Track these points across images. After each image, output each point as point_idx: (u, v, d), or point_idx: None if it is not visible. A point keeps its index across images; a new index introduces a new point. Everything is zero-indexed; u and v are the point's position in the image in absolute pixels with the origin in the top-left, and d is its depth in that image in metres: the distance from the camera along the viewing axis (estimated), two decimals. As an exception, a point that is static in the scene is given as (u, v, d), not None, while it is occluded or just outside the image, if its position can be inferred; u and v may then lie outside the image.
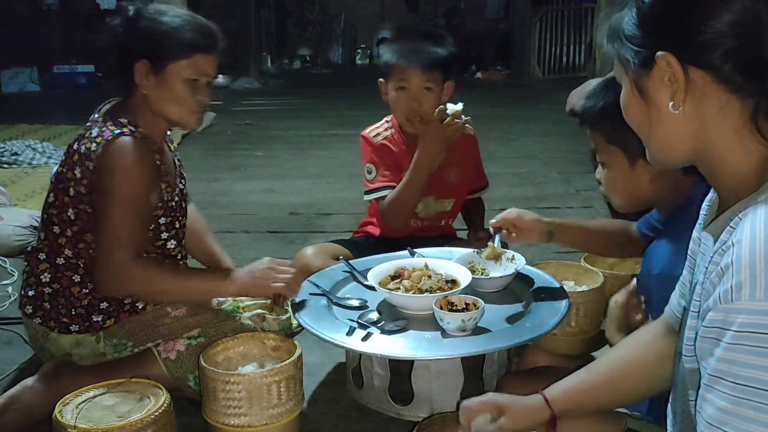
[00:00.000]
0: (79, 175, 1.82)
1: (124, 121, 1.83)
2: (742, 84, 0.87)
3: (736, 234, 0.84)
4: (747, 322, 0.79)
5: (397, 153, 2.44)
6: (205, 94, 1.91)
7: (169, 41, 1.83)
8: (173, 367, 1.84)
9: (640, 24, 0.93)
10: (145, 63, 1.83)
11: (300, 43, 11.88)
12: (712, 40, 0.86)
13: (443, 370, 1.82)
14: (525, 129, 6.05)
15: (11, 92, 8.59)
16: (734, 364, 0.80)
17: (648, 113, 0.96)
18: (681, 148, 0.95)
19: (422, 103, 2.32)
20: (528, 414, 1.25)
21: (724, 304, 0.81)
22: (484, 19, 11.14)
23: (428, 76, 2.30)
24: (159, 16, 1.86)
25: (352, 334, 1.74)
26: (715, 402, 0.82)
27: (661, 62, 0.90)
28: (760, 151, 0.89)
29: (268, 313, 2.10)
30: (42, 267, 1.90)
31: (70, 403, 1.63)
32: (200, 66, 1.86)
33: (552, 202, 4.01)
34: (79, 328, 1.88)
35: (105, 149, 1.77)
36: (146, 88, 1.85)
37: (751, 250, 0.81)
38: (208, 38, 1.89)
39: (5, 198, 3.72)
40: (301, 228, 3.65)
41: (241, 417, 1.67)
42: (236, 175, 4.83)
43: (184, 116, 1.90)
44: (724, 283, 0.82)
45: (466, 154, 2.51)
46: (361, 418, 1.91)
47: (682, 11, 0.89)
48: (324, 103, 7.78)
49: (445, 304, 1.77)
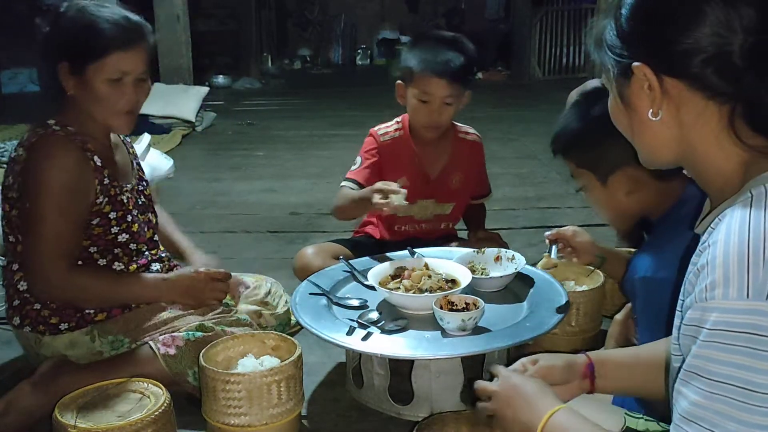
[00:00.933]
0: (11, 180, 1.82)
1: (51, 122, 1.82)
2: (719, 90, 0.89)
3: (713, 235, 0.87)
4: (720, 320, 0.81)
5: (401, 155, 2.42)
6: (133, 92, 1.82)
7: (86, 41, 1.76)
8: (173, 363, 1.84)
9: (619, 34, 0.96)
10: (66, 64, 1.78)
11: (300, 44, 11.88)
12: (688, 50, 0.89)
13: (443, 369, 1.82)
14: (525, 129, 6.04)
15: (11, 92, 8.59)
16: (708, 360, 0.82)
17: (631, 120, 0.99)
18: (665, 152, 0.98)
19: (442, 115, 2.32)
20: (562, 356, 1.30)
21: (699, 302, 0.84)
22: (484, 20, 11.13)
23: (452, 90, 2.28)
24: (79, 13, 1.78)
25: (352, 334, 1.74)
26: (689, 396, 0.84)
27: (638, 72, 0.93)
28: (740, 155, 0.92)
29: (263, 308, 2.11)
30: (17, 276, 1.89)
31: (70, 403, 1.63)
32: (120, 64, 1.78)
33: (552, 202, 4.01)
34: (69, 325, 1.87)
35: (28, 151, 1.77)
36: (71, 89, 1.80)
37: (725, 250, 0.83)
38: (126, 33, 1.79)
39: (5, 198, 3.72)
40: (302, 228, 3.65)
41: (241, 416, 1.67)
42: (237, 175, 4.82)
43: (109, 118, 1.85)
44: (701, 282, 0.85)
45: (471, 160, 2.52)
46: (361, 418, 1.90)
47: (657, 23, 0.91)
48: (324, 104, 7.78)
49: (445, 303, 1.77)
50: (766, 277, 0.80)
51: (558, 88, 6.68)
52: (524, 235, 3.44)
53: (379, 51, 11.58)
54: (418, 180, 2.42)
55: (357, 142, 2.53)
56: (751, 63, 0.87)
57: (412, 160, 2.42)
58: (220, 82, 8.90)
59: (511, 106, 7.50)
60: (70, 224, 1.79)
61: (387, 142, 2.43)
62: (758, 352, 0.79)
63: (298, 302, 1.94)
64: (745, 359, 0.80)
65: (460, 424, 1.51)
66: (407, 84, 2.33)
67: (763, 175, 0.89)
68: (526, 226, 3.59)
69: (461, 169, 2.48)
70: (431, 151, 2.44)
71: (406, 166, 2.42)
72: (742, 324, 0.80)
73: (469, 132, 2.53)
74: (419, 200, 2.42)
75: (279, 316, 2.13)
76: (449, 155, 2.46)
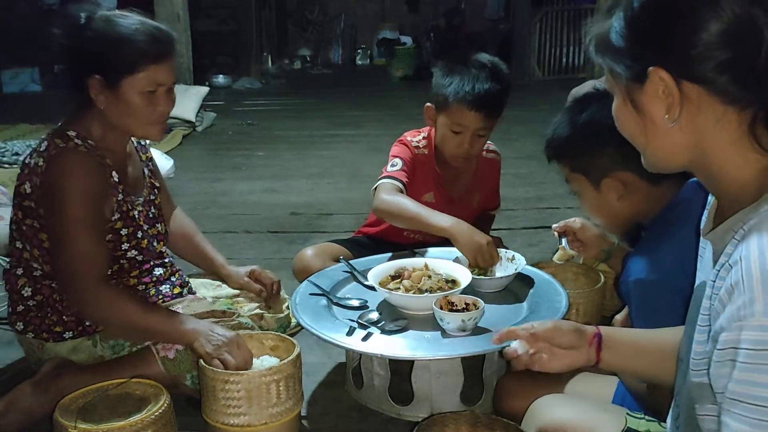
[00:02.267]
0: (29, 189, 1.79)
1: (72, 133, 1.78)
2: (739, 95, 0.85)
3: (743, 248, 0.82)
4: (761, 339, 0.76)
5: (426, 171, 2.36)
6: (166, 102, 1.82)
7: (120, 55, 1.73)
8: (171, 366, 1.84)
9: (629, 37, 0.91)
10: (98, 79, 1.75)
11: (300, 44, 11.88)
12: (703, 53, 0.84)
13: (443, 370, 1.83)
14: (525, 129, 6.04)
15: (12, 92, 8.59)
16: (752, 385, 0.77)
17: (643, 125, 0.94)
18: (678, 158, 0.93)
19: (473, 146, 2.23)
20: (570, 322, 1.27)
21: (736, 321, 0.79)
22: (484, 20, 11.14)
23: (487, 123, 2.19)
24: (108, 26, 1.75)
25: (352, 334, 1.74)
26: (734, 427, 0.78)
27: (654, 77, 0.88)
28: (760, 161, 0.88)
29: (265, 311, 2.11)
30: (21, 282, 1.88)
31: (71, 404, 1.63)
32: (156, 77, 1.77)
33: (552, 202, 4.01)
34: (73, 333, 1.87)
35: (49, 164, 1.74)
36: (102, 104, 1.78)
37: (762, 264, 0.78)
38: (160, 46, 1.78)
39: (5, 198, 3.71)
40: (302, 228, 3.65)
41: (241, 416, 1.67)
42: (237, 175, 4.83)
43: (145, 129, 1.84)
44: (735, 300, 0.79)
45: (491, 179, 2.49)
46: (361, 418, 1.91)
47: (670, 23, 0.86)
48: (325, 104, 7.79)
49: (445, 304, 1.77)
50: None
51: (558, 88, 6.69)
52: (524, 235, 3.45)
53: (379, 51, 11.59)
54: (441, 198, 2.38)
55: (357, 142, 2.54)
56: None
57: (436, 179, 2.37)
58: (220, 82, 8.91)
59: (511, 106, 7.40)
60: (97, 240, 1.78)
61: (418, 156, 2.35)
62: None
63: (298, 302, 1.94)
64: None
65: (460, 424, 1.51)
66: (439, 110, 2.22)
67: None
68: (526, 226, 3.59)
69: (483, 188, 2.46)
70: (455, 172, 2.38)
71: (429, 182, 2.37)
72: None
73: (490, 150, 2.46)
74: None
75: (280, 319, 2.13)
76: (472, 176, 2.42)
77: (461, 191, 2.42)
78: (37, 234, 1.82)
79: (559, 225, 1.96)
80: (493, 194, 2.58)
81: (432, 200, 2.36)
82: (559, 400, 1.47)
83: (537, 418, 1.43)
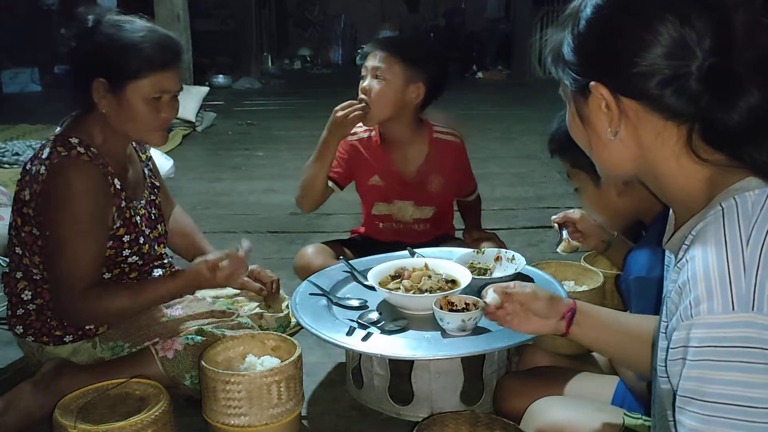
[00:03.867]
0: (28, 196, 1.78)
1: (75, 141, 1.77)
2: (676, 111, 0.88)
3: (690, 251, 0.86)
4: (708, 336, 0.78)
5: (372, 155, 2.41)
6: (169, 109, 1.82)
7: (127, 60, 1.73)
8: (170, 367, 1.84)
9: (576, 51, 0.94)
10: (103, 82, 1.74)
11: (300, 44, 11.89)
12: (645, 71, 0.87)
13: (443, 370, 1.83)
14: (525, 128, 6.04)
15: (12, 92, 8.59)
16: (701, 381, 0.79)
17: (589, 137, 0.98)
18: (624, 168, 0.97)
19: (365, 92, 2.28)
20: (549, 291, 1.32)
21: (685, 320, 0.81)
22: (484, 19, 11.15)
23: (381, 61, 2.26)
24: (117, 30, 1.75)
25: (352, 334, 1.74)
26: (686, 424, 0.80)
27: (595, 92, 0.92)
28: (702, 171, 0.91)
29: (265, 311, 2.11)
30: (21, 285, 1.88)
31: (70, 403, 1.64)
32: (161, 83, 1.77)
33: (551, 201, 4.01)
34: (73, 337, 1.87)
35: (50, 173, 1.73)
36: (105, 107, 1.77)
37: (705, 264, 0.81)
38: (167, 54, 1.78)
39: (6, 198, 3.72)
40: (302, 228, 3.65)
41: (241, 417, 1.67)
42: (237, 175, 4.83)
43: (147, 135, 1.84)
44: (683, 300, 0.82)
45: (451, 163, 2.43)
46: (361, 418, 1.91)
47: (613, 44, 0.90)
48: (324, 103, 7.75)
49: (445, 304, 1.77)
50: (749, 288, 0.78)
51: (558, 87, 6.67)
52: (524, 235, 3.45)
53: (378, 51, 11.57)
54: (392, 180, 2.41)
55: (357, 142, 2.53)
56: (708, 85, 0.86)
57: (384, 160, 2.40)
58: (220, 82, 8.91)
59: (511, 106, 7.50)
60: (92, 252, 1.77)
61: (354, 141, 2.41)
62: (752, 365, 0.76)
63: (298, 302, 1.94)
64: (740, 375, 0.77)
65: (460, 424, 1.51)
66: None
67: (731, 187, 0.88)
68: (526, 226, 3.59)
69: (440, 171, 2.41)
70: (404, 151, 2.39)
71: (377, 165, 2.41)
72: (732, 338, 0.77)
73: (448, 132, 2.45)
74: (396, 200, 2.43)
75: (279, 319, 2.13)
76: (426, 156, 2.40)
77: (412, 172, 2.41)
78: (36, 241, 1.82)
79: (559, 216, 1.97)
80: (463, 178, 2.52)
81: (380, 182, 2.42)
82: (557, 401, 1.47)
83: (535, 420, 1.43)
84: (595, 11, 0.92)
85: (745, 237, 0.82)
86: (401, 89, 2.27)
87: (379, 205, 2.46)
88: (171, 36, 1.83)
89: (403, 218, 2.45)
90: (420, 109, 2.36)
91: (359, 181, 2.46)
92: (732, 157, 0.88)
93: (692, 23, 0.86)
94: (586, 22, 0.93)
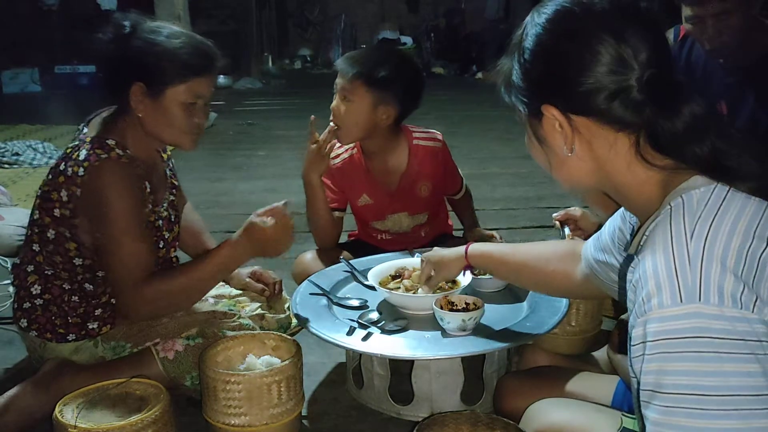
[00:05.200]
0: (65, 198, 1.78)
1: (112, 143, 1.79)
2: (626, 122, 0.94)
3: (641, 250, 0.90)
4: (660, 330, 0.81)
5: (356, 174, 2.37)
6: (202, 115, 1.86)
7: (166, 65, 1.76)
8: (170, 367, 1.84)
9: (524, 78, 1.01)
10: (141, 86, 1.77)
11: (300, 44, 11.89)
12: (591, 89, 0.93)
13: (443, 370, 1.83)
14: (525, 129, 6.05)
15: (12, 93, 8.60)
16: (659, 374, 0.81)
17: (548, 156, 1.04)
18: (584, 182, 1.03)
19: (334, 113, 2.23)
20: (449, 266, 1.73)
21: (640, 317, 0.84)
22: (484, 20, 11.13)
23: (347, 85, 2.19)
24: (155, 36, 1.78)
25: (352, 334, 1.74)
26: (649, 417, 0.82)
27: (547, 113, 0.98)
28: (654, 176, 0.95)
29: (267, 312, 2.11)
30: (31, 279, 1.88)
31: (70, 403, 1.63)
32: (198, 89, 1.81)
33: (552, 202, 4.01)
34: (75, 336, 1.88)
35: (91, 175, 1.74)
36: (141, 111, 1.80)
37: (653, 261, 0.85)
38: (206, 60, 1.82)
39: (6, 198, 3.72)
40: (303, 228, 3.62)
41: (242, 417, 1.67)
42: (238, 175, 4.83)
43: (180, 139, 1.86)
44: (637, 297, 0.86)
45: (432, 167, 2.37)
46: (361, 418, 1.91)
47: (557, 67, 0.96)
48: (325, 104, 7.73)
49: (445, 304, 1.77)
50: (694, 279, 0.81)
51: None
52: (524, 234, 3.45)
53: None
54: (379, 196, 2.37)
55: (357, 142, 2.53)
56: (649, 95, 0.91)
57: (367, 177, 2.36)
58: (221, 82, 8.89)
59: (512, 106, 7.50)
60: (144, 243, 1.78)
61: (337, 165, 2.37)
62: (702, 354, 0.79)
63: (299, 302, 1.94)
64: (692, 365, 0.79)
65: (460, 424, 1.51)
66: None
67: (678, 187, 0.92)
68: (526, 225, 3.59)
69: (425, 177, 2.36)
70: (384, 163, 2.35)
71: (363, 184, 2.37)
72: (682, 329, 0.80)
73: (427, 138, 2.38)
74: (389, 215, 2.40)
75: (280, 320, 2.14)
76: (406, 164, 2.34)
77: (395, 184, 2.36)
78: (63, 243, 1.82)
79: (560, 214, 1.98)
80: (449, 178, 2.47)
81: (370, 201, 2.38)
82: (555, 402, 1.47)
83: (533, 421, 1.43)
84: (537, 40, 0.98)
85: (689, 232, 0.85)
86: (369, 111, 2.20)
87: (375, 224, 2.44)
88: (208, 43, 1.86)
89: (400, 230, 2.43)
90: (397, 122, 2.30)
91: (351, 204, 2.43)
92: (679, 159, 0.93)
93: (627, 40, 0.92)
94: (530, 51, 0.99)
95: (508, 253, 1.61)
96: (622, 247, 1.22)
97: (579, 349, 2.08)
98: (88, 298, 1.88)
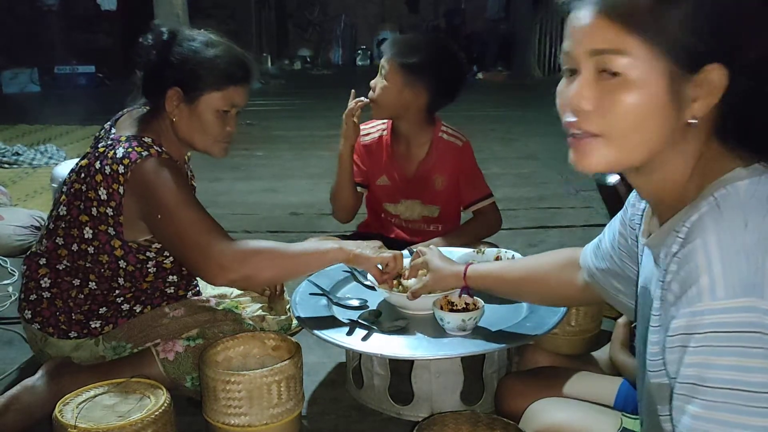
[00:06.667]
0: (104, 196, 1.78)
1: (148, 140, 1.81)
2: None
3: (688, 242, 0.85)
4: (710, 323, 0.79)
5: (381, 154, 2.48)
6: (234, 123, 1.90)
7: (205, 72, 1.80)
8: (170, 368, 1.84)
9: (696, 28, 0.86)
10: (178, 91, 1.80)
11: (300, 44, 11.89)
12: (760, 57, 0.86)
13: (443, 370, 1.82)
14: (526, 129, 6.04)
15: (12, 93, 8.59)
16: (703, 367, 0.79)
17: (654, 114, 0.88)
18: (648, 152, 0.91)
19: (377, 88, 2.36)
20: (445, 280, 1.71)
21: (686, 307, 0.82)
22: (484, 20, 11.15)
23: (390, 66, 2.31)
24: (194, 43, 1.82)
25: (352, 334, 1.74)
26: (689, 410, 0.80)
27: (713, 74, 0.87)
28: (700, 163, 0.91)
29: (267, 313, 2.11)
30: (42, 272, 1.89)
31: (71, 403, 1.63)
32: (233, 98, 1.85)
33: (553, 202, 4.01)
34: (77, 334, 1.88)
35: (135, 172, 1.74)
36: (176, 116, 1.83)
37: (707, 253, 0.82)
38: (244, 70, 1.87)
39: (6, 198, 3.72)
40: (302, 228, 3.65)
41: (242, 417, 1.67)
42: (237, 175, 4.82)
43: (211, 146, 1.90)
44: (685, 288, 0.83)
45: (454, 163, 2.42)
46: (361, 418, 1.91)
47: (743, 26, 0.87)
48: (325, 104, 7.77)
49: (445, 304, 1.77)
50: (749, 273, 0.79)
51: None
52: (525, 235, 3.45)
53: (379, 51, 11.57)
54: (396, 178, 2.47)
55: (357, 142, 2.54)
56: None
57: (389, 158, 2.47)
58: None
59: (512, 107, 7.51)
60: (203, 211, 1.80)
61: (367, 143, 2.50)
62: (750, 349, 0.77)
63: (298, 302, 1.94)
64: (740, 360, 0.77)
65: (460, 424, 1.51)
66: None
67: (721, 178, 0.88)
68: (527, 226, 3.59)
69: (441, 170, 2.42)
70: (406, 148, 2.45)
71: (383, 166, 2.48)
72: (733, 323, 0.78)
73: (452, 134, 2.45)
74: (402, 200, 2.48)
75: (281, 321, 2.14)
76: (426, 153, 2.43)
77: (414, 170, 2.45)
78: (110, 241, 1.82)
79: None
80: (466, 181, 2.47)
81: (387, 182, 2.49)
82: (555, 402, 1.47)
83: (533, 422, 1.43)
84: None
85: (743, 223, 0.82)
86: (399, 92, 2.32)
87: (388, 206, 2.51)
88: (245, 53, 1.90)
89: (411, 217, 2.48)
90: (428, 110, 2.39)
91: (370, 183, 2.52)
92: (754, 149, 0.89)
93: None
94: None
95: (505, 270, 1.61)
96: (624, 252, 1.21)
97: (579, 349, 2.08)
98: (95, 297, 1.88)
